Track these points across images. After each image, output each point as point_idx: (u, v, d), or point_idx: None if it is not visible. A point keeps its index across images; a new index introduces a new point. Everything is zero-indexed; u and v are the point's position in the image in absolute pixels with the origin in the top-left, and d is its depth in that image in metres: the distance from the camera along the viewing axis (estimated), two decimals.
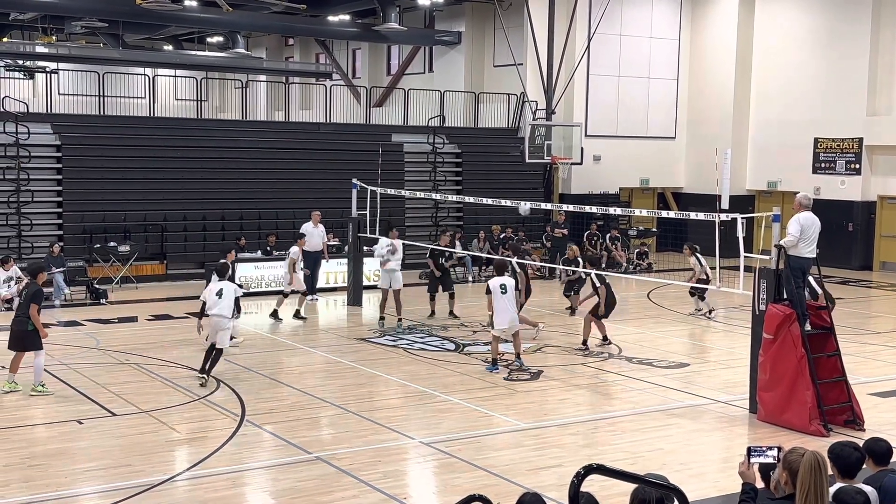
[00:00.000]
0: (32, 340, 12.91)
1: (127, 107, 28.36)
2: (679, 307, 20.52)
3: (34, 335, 12.88)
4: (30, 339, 12.91)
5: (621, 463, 9.98)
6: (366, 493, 9.40)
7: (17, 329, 13.02)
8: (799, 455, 5.10)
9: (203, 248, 24.21)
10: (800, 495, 4.96)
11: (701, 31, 31.19)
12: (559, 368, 14.97)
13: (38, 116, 24.16)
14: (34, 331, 12.85)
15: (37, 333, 12.88)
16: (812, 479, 4.94)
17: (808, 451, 5.14)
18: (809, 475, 4.95)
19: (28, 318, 12.80)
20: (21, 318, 12.96)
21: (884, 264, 27.61)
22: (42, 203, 23.07)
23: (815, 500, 4.96)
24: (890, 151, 26.98)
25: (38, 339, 12.91)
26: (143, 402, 12.55)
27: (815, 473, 4.95)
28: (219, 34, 38.23)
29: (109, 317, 18.94)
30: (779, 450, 5.24)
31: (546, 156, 27.66)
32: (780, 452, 5.23)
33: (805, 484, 4.95)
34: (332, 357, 15.57)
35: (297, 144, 26.30)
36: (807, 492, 4.94)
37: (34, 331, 12.85)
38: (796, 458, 5.10)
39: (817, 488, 4.94)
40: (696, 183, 31.02)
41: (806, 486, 4.94)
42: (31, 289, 13.05)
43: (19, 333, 12.99)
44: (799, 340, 11.69)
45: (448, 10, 32.69)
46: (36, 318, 12.77)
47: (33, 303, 12.78)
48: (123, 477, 9.74)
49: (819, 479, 4.96)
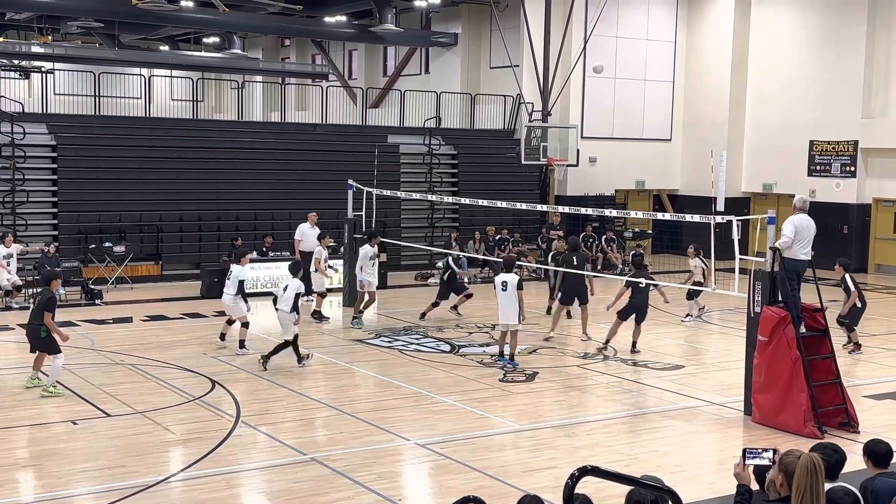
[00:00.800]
0: (47, 346, 12.97)
1: (123, 107, 28.31)
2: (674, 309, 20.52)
3: (48, 341, 12.93)
4: (44, 344, 12.99)
5: (616, 465, 9.99)
6: (360, 494, 9.40)
7: (31, 337, 13.13)
8: (795, 457, 5.11)
9: (199, 248, 24.20)
10: (795, 497, 4.97)
11: (697, 33, 31.24)
12: (554, 370, 14.98)
13: (34, 116, 24.14)
14: (47, 337, 12.89)
15: (51, 339, 12.92)
16: (808, 482, 4.96)
17: (804, 453, 5.15)
18: (805, 477, 4.96)
19: (41, 325, 12.85)
20: (34, 326, 13.02)
21: (879, 267, 27.66)
22: (37, 203, 23.04)
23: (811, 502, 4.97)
24: (885, 154, 27.04)
25: (54, 344, 12.95)
26: (138, 403, 12.54)
27: (811, 476, 4.96)
28: (215, 35, 38.18)
29: (104, 317, 18.91)
30: (774, 452, 5.25)
31: (542, 157, 27.68)
32: (775, 454, 5.24)
33: (801, 486, 4.96)
34: (328, 358, 15.56)
35: (294, 145, 26.30)
36: (802, 494, 4.95)
37: (47, 337, 12.89)
38: (792, 460, 5.11)
39: (813, 491, 4.96)
40: (691, 185, 31.06)
41: (802, 489, 4.96)
42: (44, 296, 13.09)
43: (33, 341, 13.08)
44: (794, 343, 11.70)
45: (444, 11, 32.70)
46: (51, 324, 12.84)
47: (46, 311, 12.84)
48: (118, 478, 9.73)
49: (815, 481, 4.97)
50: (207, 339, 16.80)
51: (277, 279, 22.10)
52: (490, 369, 14.87)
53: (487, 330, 18.08)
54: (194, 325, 18.41)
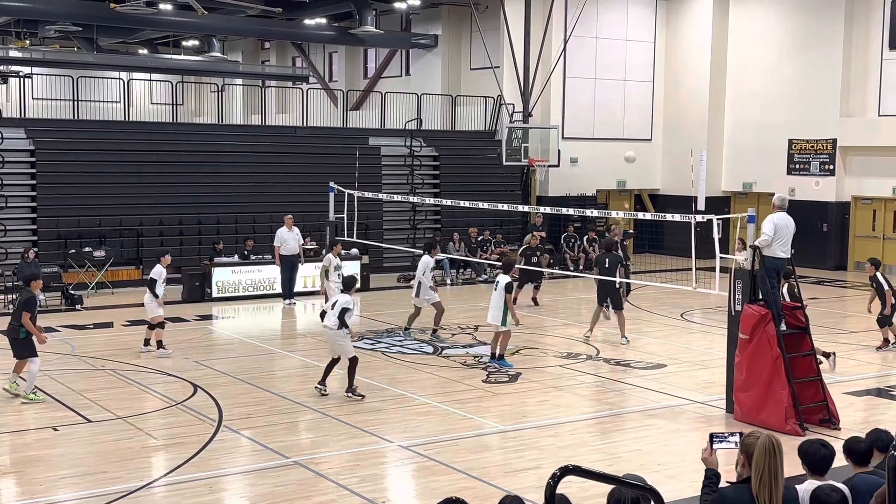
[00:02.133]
0: (24, 347, 12.78)
1: (102, 111, 28.17)
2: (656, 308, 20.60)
3: (26, 342, 12.77)
4: (21, 346, 12.80)
5: (599, 464, 10.02)
6: (344, 497, 9.38)
7: (10, 337, 12.95)
8: (755, 438, 5.24)
9: (179, 252, 24.05)
10: (755, 477, 5.11)
11: (676, 33, 31.37)
12: (537, 370, 15.00)
13: (12, 121, 23.98)
14: (26, 339, 12.75)
15: (29, 341, 12.77)
16: (766, 461, 5.10)
17: (763, 433, 5.25)
18: (764, 457, 5.11)
19: (20, 325, 12.70)
20: (13, 326, 12.86)
21: (858, 264, 27.81)
22: (16, 208, 22.86)
23: (770, 482, 5.11)
24: (863, 152, 27.24)
25: (32, 347, 12.80)
26: (120, 409, 12.47)
27: (769, 455, 5.10)
28: (194, 38, 38.05)
29: (85, 322, 18.81)
30: (740, 435, 5.36)
31: (523, 158, 27.73)
32: (740, 438, 5.35)
33: (759, 466, 5.11)
34: (310, 361, 15.52)
35: (274, 148, 26.22)
36: (761, 473, 5.09)
37: (26, 339, 12.75)
38: (752, 441, 5.25)
39: (771, 470, 5.11)
40: (672, 184, 31.19)
41: (761, 468, 5.11)
42: (23, 296, 12.97)
43: (12, 342, 12.92)
44: (774, 340, 11.77)
45: (424, 13, 32.71)
46: (29, 324, 12.68)
47: (25, 310, 12.68)
48: (100, 484, 9.67)
49: (773, 461, 5.10)
50: (189, 344, 16.73)
51: (259, 283, 22.08)
52: (473, 370, 14.88)
53: (470, 331, 18.08)
54: (175, 329, 18.31)
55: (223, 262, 22.11)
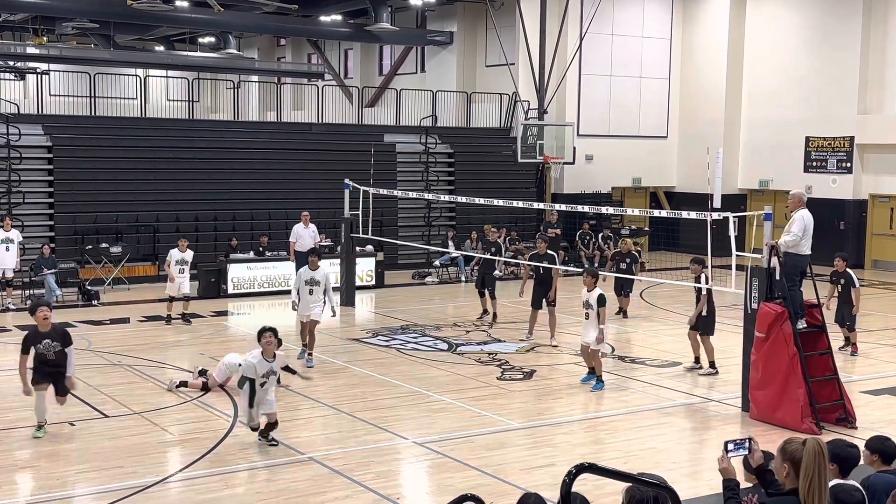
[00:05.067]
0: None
1: (118, 108, 28.28)
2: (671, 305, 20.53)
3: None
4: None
5: (614, 462, 9.99)
6: (359, 493, 9.39)
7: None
8: (799, 443, 5.05)
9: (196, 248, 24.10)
10: (804, 483, 4.93)
11: (692, 30, 31.25)
12: (552, 368, 14.98)
13: (29, 118, 24.09)
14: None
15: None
16: (815, 465, 4.93)
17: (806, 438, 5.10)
18: (814, 461, 4.94)
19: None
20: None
21: (875, 262, 27.69)
22: (33, 204, 23.00)
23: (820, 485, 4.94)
24: (881, 149, 27.06)
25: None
26: (136, 404, 12.52)
27: (818, 458, 4.95)
28: (210, 35, 38.15)
29: (101, 318, 18.89)
30: (750, 440, 5.23)
31: (538, 155, 27.69)
32: (752, 442, 5.22)
33: (809, 471, 4.92)
34: (325, 357, 15.54)
35: (289, 145, 26.28)
36: (810, 478, 4.91)
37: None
38: (797, 447, 5.05)
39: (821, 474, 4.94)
40: (688, 182, 31.07)
41: (810, 473, 4.92)
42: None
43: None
44: (791, 339, 11.71)
45: (440, 10, 32.68)
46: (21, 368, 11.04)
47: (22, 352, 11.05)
48: (116, 478, 9.72)
49: (823, 463, 4.95)
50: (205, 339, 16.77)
51: (274, 279, 22.13)
52: (488, 367, 14.88)
53: (485, 328, 18.07)
54: (191, 325, 18.38)
55: (238, 258, 22.18)
